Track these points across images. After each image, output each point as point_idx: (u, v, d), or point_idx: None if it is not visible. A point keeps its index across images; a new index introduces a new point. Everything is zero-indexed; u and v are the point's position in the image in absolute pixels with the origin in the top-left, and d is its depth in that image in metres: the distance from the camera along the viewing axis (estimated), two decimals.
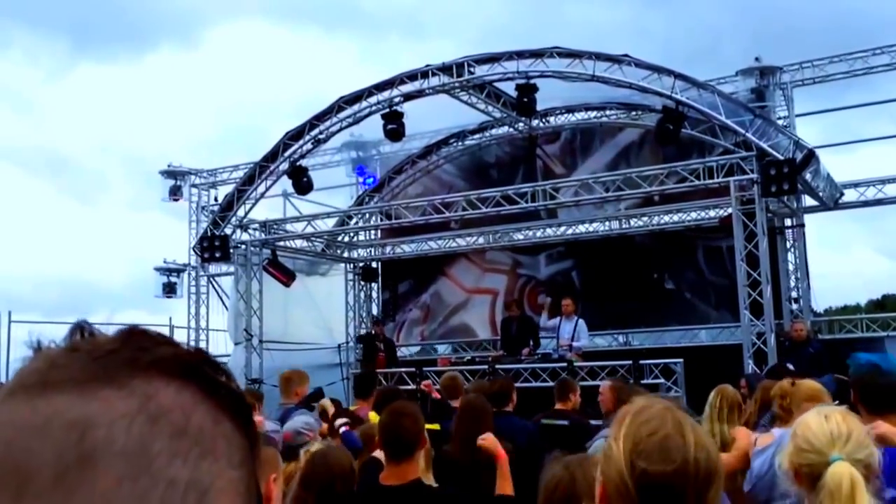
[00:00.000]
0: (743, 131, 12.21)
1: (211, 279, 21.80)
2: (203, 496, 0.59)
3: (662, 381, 12.20)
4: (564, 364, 12.68)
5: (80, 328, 0.66)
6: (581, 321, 13.65)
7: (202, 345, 21.82)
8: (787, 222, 15.73)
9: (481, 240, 18.51)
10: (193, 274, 22.16)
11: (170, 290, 22.09)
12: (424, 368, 14.15)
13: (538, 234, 18.09)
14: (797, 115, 16.13)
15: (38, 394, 0.59)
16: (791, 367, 9.94)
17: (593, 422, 6.98)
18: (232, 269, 17.58)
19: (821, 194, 13.67)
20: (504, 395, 6.69)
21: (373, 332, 16.83)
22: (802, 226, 15.71)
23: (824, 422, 2.44)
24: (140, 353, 0.63)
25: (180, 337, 20.53)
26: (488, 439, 4.84)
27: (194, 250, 18.39)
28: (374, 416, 6.34)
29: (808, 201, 14.92)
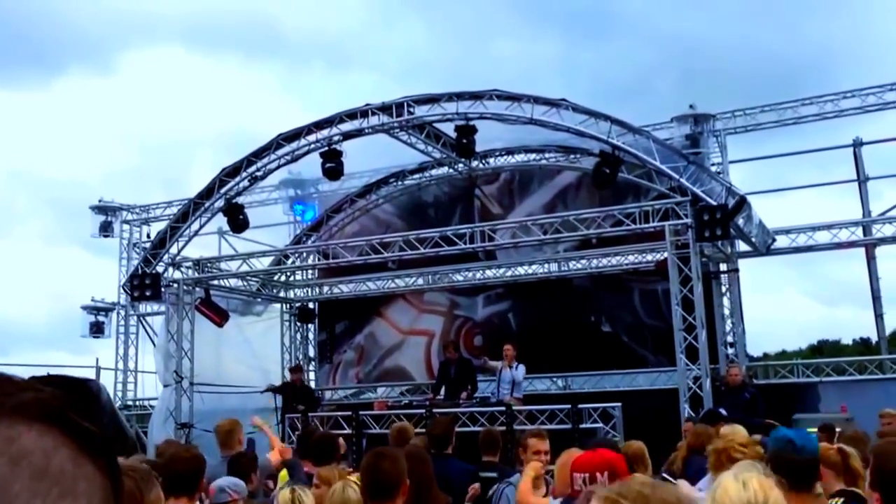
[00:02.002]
0: (677, 177, 12.57)
1: (141, 319, 21.46)
2: None
3: (601, 425, 12.32)
4: (503, 408, 12.76)
5: None
6: (521, 366, 13.82)
7: (130, 387, 21.42)
8: (722, 267, 16.13)
9: (420, 280, 18.62)
10: (123, 313, 21.80)
11: (97, 329, 21.67)
12: (360, 412, 14.10)
13: (477, 275, 18.24)
14: (730, 162, 16.68)
15: None
16: (723, 412, 10.16)
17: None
18: (163, 308, 17.29)
19: (753, 240, 14.09)
20: (445, 439, 6.75)
21: (290, 380, 16.64)
22: (737, 270, 16.13)
23: (742, 489, 2.49)
24: (3, 398, 0.66)
25: (107, 379, 20.11)
26: None
27: (124, 288, 18.10)
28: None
29: (742, 246, 15.34)
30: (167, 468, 4.37)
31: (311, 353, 19.92)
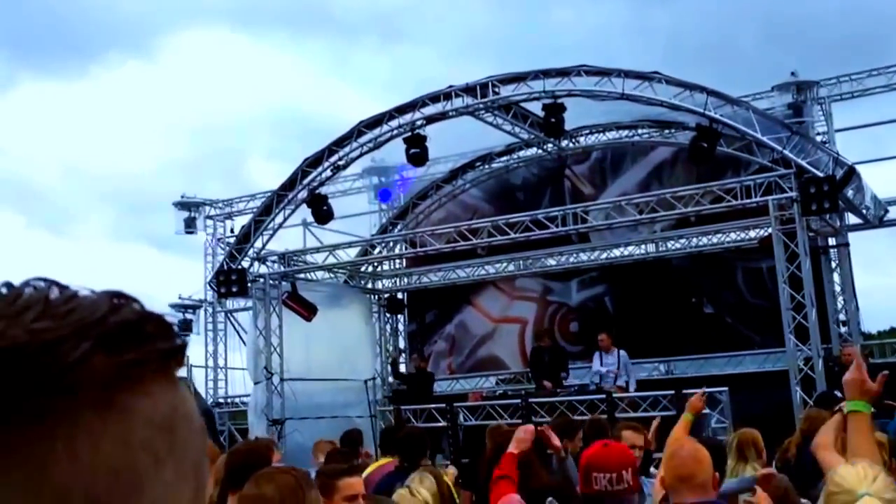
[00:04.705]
0: (780, 148, 12.33)
1: (229, 315, 21.96)
2: None
3: (707, 411, 12.15)
4: (603, 395, 12.70)
5: None
6: (623, 353, 13.67)
7: (221, 384, 21.96)
8: (831, 241, 15.72)
9: (511, 266, 18.65)
10: (210, 310, 22.33)
11: (185, 327, 22.24)
12: (455, 403, 14.21)
13: (571, 259, 18.14)
14: (837, 130, 16.21)
15: None
16: (839, 394, 9.90)
17: None
18: (250, 304, 17.65)
19: (864, 212, 13.69)
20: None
21: (416, 367, 17.03)
22: (847, 245, 15.70)
23: (852, 467, 2.87)
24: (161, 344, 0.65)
25: (198, 377, 20.66)
26: None
27: (210, 285, 18.52)
28: None
29: (852, 219, 14.91)
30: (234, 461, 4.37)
31: (402, 344, 20.12)
